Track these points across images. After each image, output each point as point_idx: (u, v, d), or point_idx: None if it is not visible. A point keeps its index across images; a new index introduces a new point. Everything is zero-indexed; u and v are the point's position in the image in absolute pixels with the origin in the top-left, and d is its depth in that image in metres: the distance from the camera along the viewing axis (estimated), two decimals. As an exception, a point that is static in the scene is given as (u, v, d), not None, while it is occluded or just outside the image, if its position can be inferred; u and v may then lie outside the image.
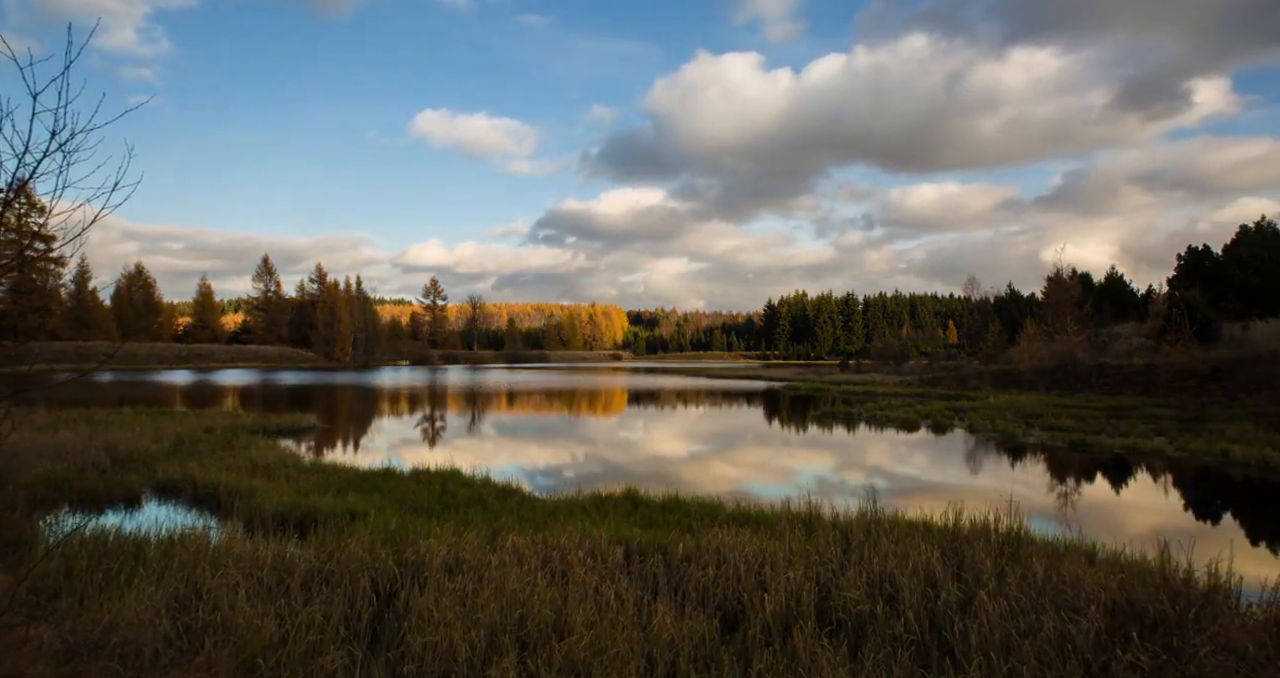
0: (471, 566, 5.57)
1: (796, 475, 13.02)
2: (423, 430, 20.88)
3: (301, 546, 6.20)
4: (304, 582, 5.27)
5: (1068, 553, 6.04)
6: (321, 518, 7.49)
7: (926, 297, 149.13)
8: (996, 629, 4.31)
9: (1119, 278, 50.86)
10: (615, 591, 5.04)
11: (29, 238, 44.78)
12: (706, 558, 5.78)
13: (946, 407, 24.74)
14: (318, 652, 4.10)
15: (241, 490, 9.11)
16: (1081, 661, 3.94)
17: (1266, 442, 14.29)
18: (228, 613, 4.47)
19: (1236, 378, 25.23)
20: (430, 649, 4.13)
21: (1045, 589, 4.92)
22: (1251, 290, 36.16)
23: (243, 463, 11.21)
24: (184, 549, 5.78)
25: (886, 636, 4.46)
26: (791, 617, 4.75)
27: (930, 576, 5.29)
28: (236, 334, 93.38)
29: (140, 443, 12.71)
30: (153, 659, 3.96)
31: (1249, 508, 10.75)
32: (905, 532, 6.56)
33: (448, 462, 11.82)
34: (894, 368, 55.93)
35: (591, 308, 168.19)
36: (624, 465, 14.04)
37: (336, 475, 10.48)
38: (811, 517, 7.57)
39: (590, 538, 6.34)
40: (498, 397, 36.77)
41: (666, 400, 34.95)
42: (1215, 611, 4.45)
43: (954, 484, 11.81)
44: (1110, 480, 12.53)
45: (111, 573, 5.28)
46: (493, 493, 9.43)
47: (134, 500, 9.46)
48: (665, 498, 8.82)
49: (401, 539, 6.32)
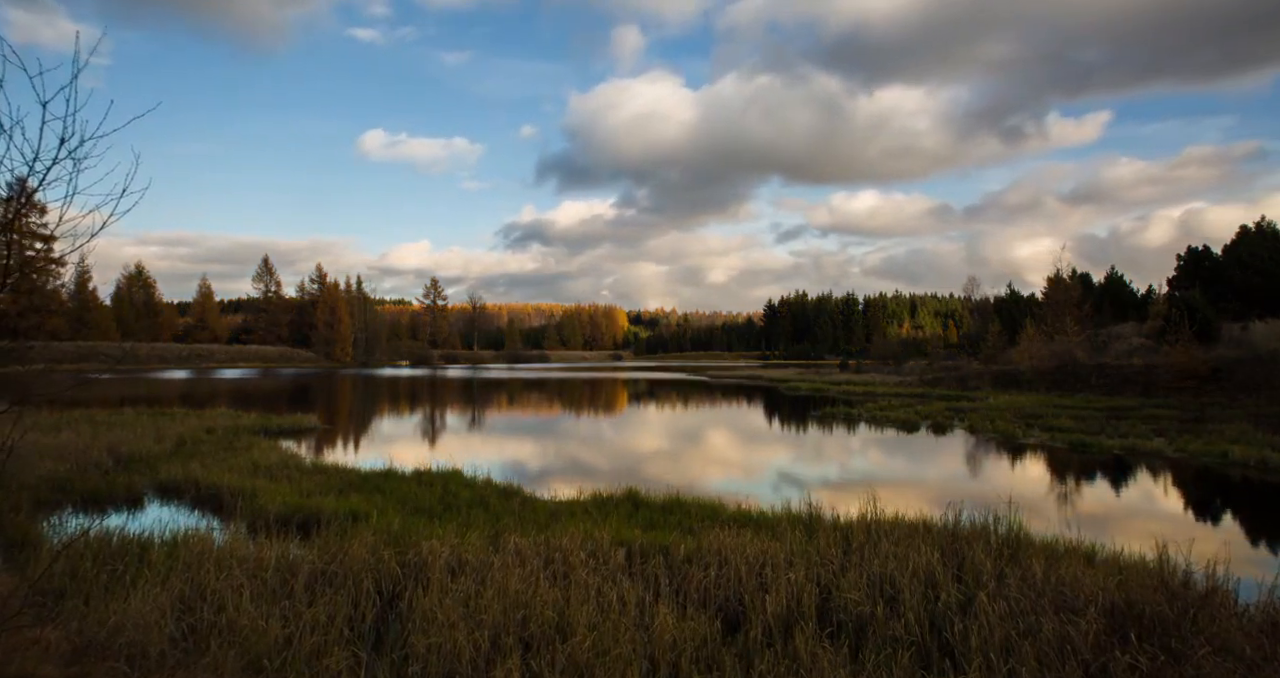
0: (474, 567, 5.60)
1: (797, 476, 13.05)
2: (422, 430, 20.91)
3: (305, 547, 6.23)
4: (308, 583, 5.30)
5: (1067, 554, 6.08)
6: (324, 519, 7.53)
7: (927, 297, 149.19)
8: (996, 630, 4.34)
9: (1119, 278, 50.90)
10: (617, 592, 5.07)
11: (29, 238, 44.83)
12: (708, 559, 5.81)
13: (946, 407, 24.77)
14: (323, 653, 4.13)
15: (244, 492, 9.14)
16: (1080, 662, 3.97)
17: (1266, 443, 14.32)
18: (233, 614, 4.50)
19: (1236, 378, 25.26)
20: (434, 651, 4.16)
21: (1044, 591, 4.95)
22: (1251, 290, 36.20)
23: (245, 464, 11.24)
24: (188, 551, 5.82)
25: (887, 637, 4.49)
26: (793, 618, 4.78)
27: (930, 577, 5.32)
28: (236, 334, 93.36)
29: (142, 444, 12.74)
30: (159, 660, 3.99)
31: (1248, 509, 10.78)
32: (905, 533, 6.59)
33: (448, 462, 11.84)
34: (894, 368, 55.94)
35: (591, 308, 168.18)
36: (625, 466, 14.07)
37: (338, 476, 10.52)
38: (812, 518, 7.60)
39: (592, 539, 6.37)
40: (498, 397, 36.80)
41: (668, 401, 34.97)
42: (1213, 612, 4.48)
43: (954, 486, 11.84)
44: (1110, 482, 12.56)
45: (116, 574, 5.31)
46: (494, 494, 9.46)
47: (137, 502, 9.49)
48: (666, 499, 8.85)
49: (404, 540, 6.35)
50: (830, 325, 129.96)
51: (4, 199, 2.82)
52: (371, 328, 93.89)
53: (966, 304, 69.59)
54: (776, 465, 14.67)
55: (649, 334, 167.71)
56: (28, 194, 2.77)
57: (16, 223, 2.85)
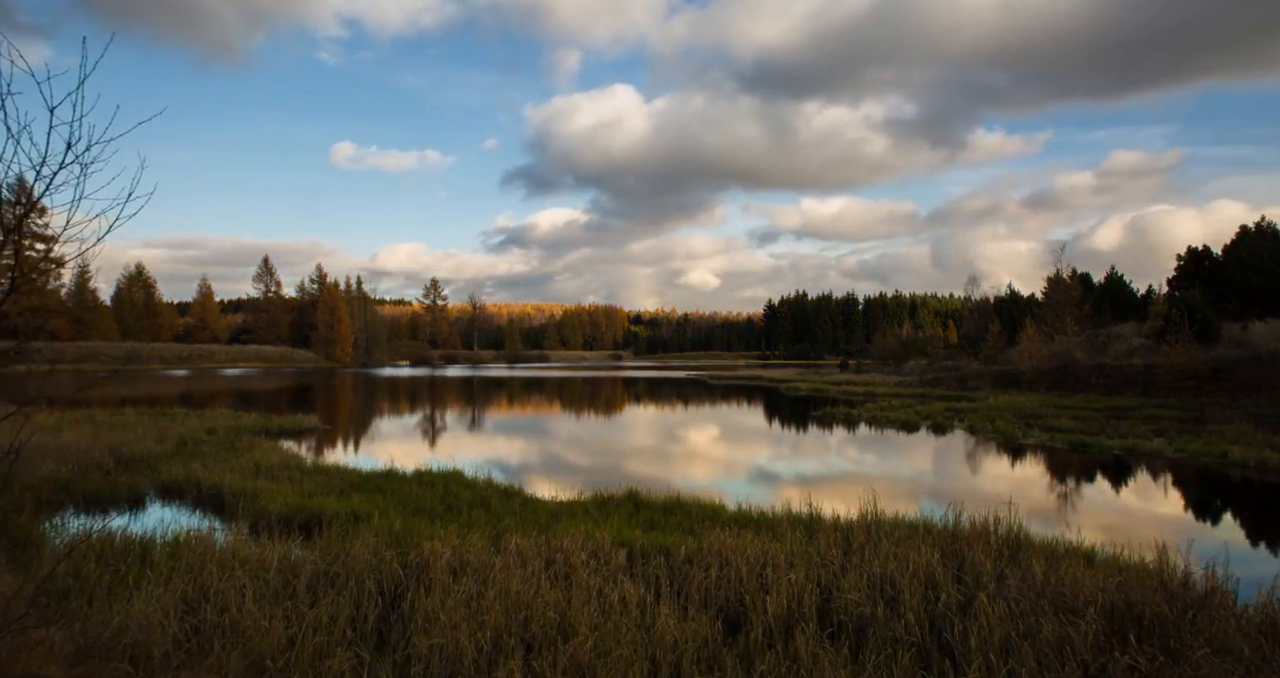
0: (475, 568, 5.61)
1: (796, 476, 13.07)
2: (422, 430, 20.93)
3: (307, 547, 6.25)
4: (310, 584, 5.32)
5: (1067, 555, 6.10)
6: (326, 520, 7.54)
7: (927, 296, 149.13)
8: (996, 631, 4.36)
9: (1119, 278, 50.89)
10: (618, 592, 5.08)
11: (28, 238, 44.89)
12: (708, 560, 5.82)
13: (946, 408, 24.79)
14: (325, 654, 4.15)
15: (246, 492, 9.17)
16: (1080, 663, 3.99)
17: (1265, 443, 14.34)
18: (235, 615, 4.52)
19: (1236, 378, 25.28)
20: (437, 651, 4.17)
21: (1044, 591, 4.96)
22: (1251, 290, 36.21)
23: (246, 465, 11.26)
24: (190, 551, 5.83)
25: (887, 637, 4.51)
26: (793, 619, 4.79)
27: (930, 578, 5.34)
28: (237, 334, 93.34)
29: (143, 444, 12.76)
30: (163, 661, 4.01)
31: (1247, 509, 10.80)
32: (906, 534, 6.61)
33: (449, 462, 11.86)
34: (894, 368, 55.98)
35: (591, 307, 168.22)
36: (626, 466, 14.09)
37: (339, 477, 10.54)
38: (812, 518, 7.63)
39: (593, 540, 6.39)
40: (498, 397, 36.82)
41: (668, 402, 34.98)
42: (1212, 613, 4.50)
43: (953, 486, 11.86)
44: (1110, 482, 12.58)
45: (119, 575, 5.33)
46: (495, 494, 9.48)
47: (138, 502, 9.52)
48: (667, 500, 8.87)
49: (405, 541, 6.37)
50: (830, 325, 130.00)
51: (9, 202, 2.83)
52: (371, 328, 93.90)
53: (966, 304, 69.56)
54: (776, 466, 14.69)
55: (649, 334, 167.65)
56: (32, 198, 2.79)
57: (20, 226, 2.86)
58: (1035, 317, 42.48)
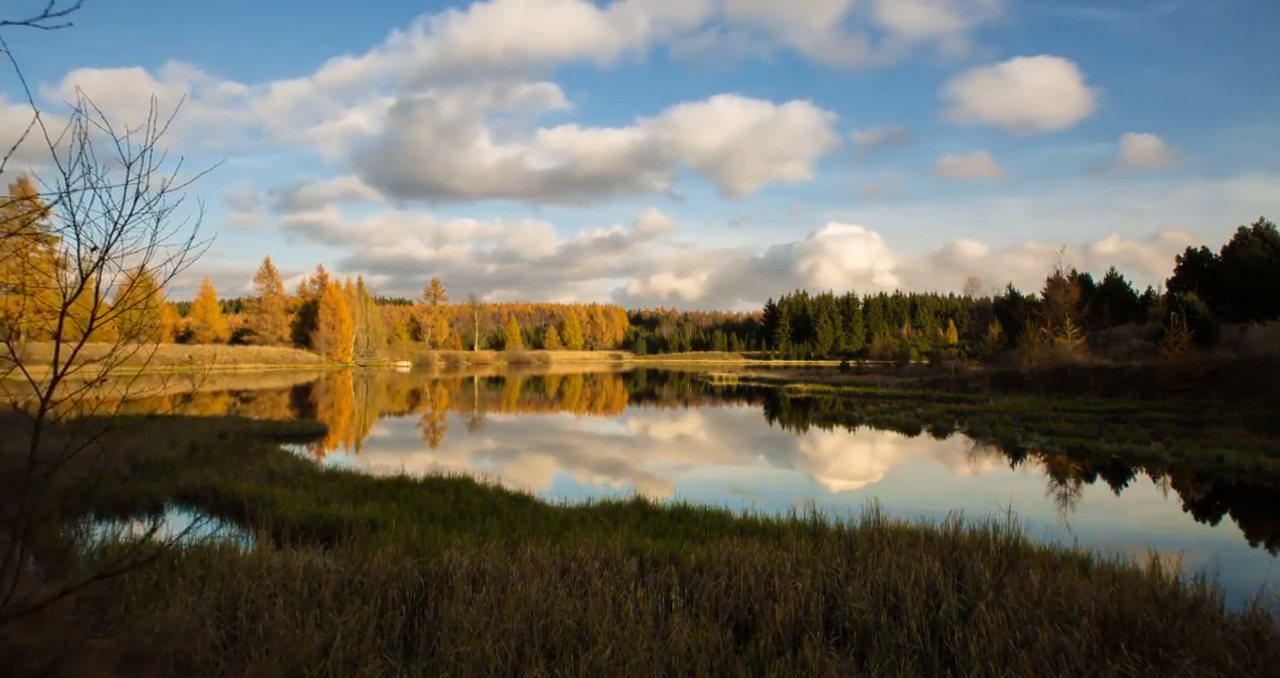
0: (493, 576, 5.80)
1: (797, 479, 13.28)
2: (426, 433, 21.14)
3: (328, 555, 6.45)
4: (335, 592, 5.52)
5: (1063, 563, 6.30)
6: (344, 527, 7.76)
7: (927, 296, 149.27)
8: (995, 640, 4.56)
9: (1118, 279, 51.10)
10: (632, 601, 5.28)
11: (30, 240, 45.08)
12: (717, 568, 6.01)
13: (947, 410, 25.00)
14: (358, 662, 4.36)
15: (263, 499, 9.35)
16: (1074, 671, 4.20)
17: (1260, 447, 14.55)
18: (269, 623, 4.73)
19: (1234, 381, 25.48)
20: (464, 659, 4.38)
21: (1041, 600, 5.17)
22: (1250, 293, 36.43)
23: (259, 470, 11.46)
24: (219, 559, 6.04)
25: (890, 645, 4.71)
26: (801, 627, 5.00)
27: (931, 586, 5.54)
28: (238, 335, 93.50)
29: (157, 450, 12.95)
30: (205, 669, 4.22)
31: (1241, 514, 11.02)
32: (907, 542, 6.80)
33: (456, 465, 12.06)
34: (894, 369, 56.22)
35: (591, 307, 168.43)
36: (626, 467, 14.30)
37: (352, 483, 10.75)
38: (817, 526, 7.83)
39: (605, 548, 6.58)
40: (498, 397, 37.02)
41: (668, 402, 35.18)
42: (1200, 621, 4.71)
43: (953, 491, 12.07)
44: (1108, 486, 12.80)
45: (152, 582, 5.54)
46: (506, 501, 9.68)
47: (158, 509, 9.72)
48: (674, 507, 9.08)
49: (424, 550, 6.57)
50: (830, 326, 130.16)
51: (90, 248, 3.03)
52: (372, 328, 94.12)
53: (966, 304, 69.73)
54: (776, 468, 14.91)
55: (649, 334, 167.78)
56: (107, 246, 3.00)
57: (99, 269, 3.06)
58: (1035, 318, 42.68)
